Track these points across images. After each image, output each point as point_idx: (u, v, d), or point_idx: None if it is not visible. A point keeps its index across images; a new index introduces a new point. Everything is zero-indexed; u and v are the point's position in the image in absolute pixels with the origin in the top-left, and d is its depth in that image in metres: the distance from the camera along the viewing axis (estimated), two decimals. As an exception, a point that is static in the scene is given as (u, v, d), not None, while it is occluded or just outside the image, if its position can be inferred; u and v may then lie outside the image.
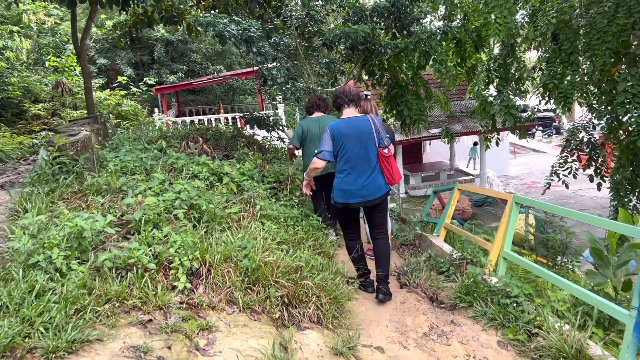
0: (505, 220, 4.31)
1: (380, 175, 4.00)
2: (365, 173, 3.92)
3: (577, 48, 8.49)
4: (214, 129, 7.65)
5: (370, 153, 3.93)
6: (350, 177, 3.92)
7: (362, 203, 3.99)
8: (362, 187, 3.92)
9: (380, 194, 3.99)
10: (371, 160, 3.95)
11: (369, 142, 3.91)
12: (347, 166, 3.93)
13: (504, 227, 4.31)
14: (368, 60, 7.59)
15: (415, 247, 6.16)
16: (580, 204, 18.68)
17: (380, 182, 3.99)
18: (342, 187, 3.96)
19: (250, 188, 4.91)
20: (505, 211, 4.34)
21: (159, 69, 22.97)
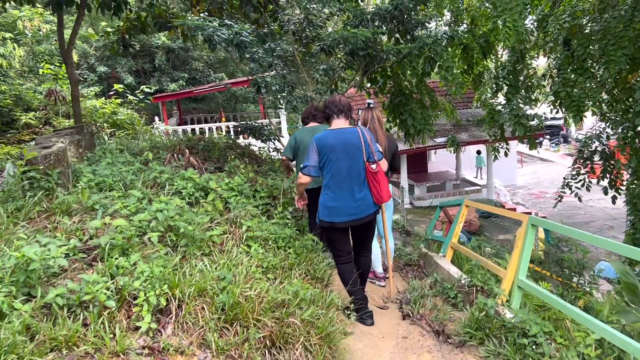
0: (519, 243, 3.85)
1: (369, 193, 3.74)
2: (352, 189, 3.66)
3: (590, 54, 8.04)
4: (206, 139, 7.23)
5: (358, 168, 3.66)
6: (336, 194, 3.65)
7: (349, 222, 3.70)
8: (350, 204, 3.65)
9: (369, 213, 3.74)
10: (359, 176, 3.68)
11: (357, 156, 3.65)
12: (333, 182, 3.66)
13: (518, 252, 3.85)
14: (370, 67, 7.17)
15: (420, 268, 5.69)
16: (590, 215, 18.18)
17: (368, 200, 3.73)
18: (328, 205, 3.69)
19: (236, 206, 4.46)
20: (520, 234, 3.88)
21: (160, 77, 22.68)
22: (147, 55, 23.52)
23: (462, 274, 4.63)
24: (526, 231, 3.81)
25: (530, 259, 3.95)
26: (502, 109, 8.93)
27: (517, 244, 3.87)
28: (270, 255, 3.89)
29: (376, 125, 4.62)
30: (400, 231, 13.42)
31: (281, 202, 5.42)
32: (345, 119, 3.83)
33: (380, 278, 5.25)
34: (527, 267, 3.80)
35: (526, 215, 3.90)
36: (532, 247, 3.82)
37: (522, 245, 3.81)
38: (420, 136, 7.79)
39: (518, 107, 8.23)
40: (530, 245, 3.79)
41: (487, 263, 4.28)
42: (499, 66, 9.27)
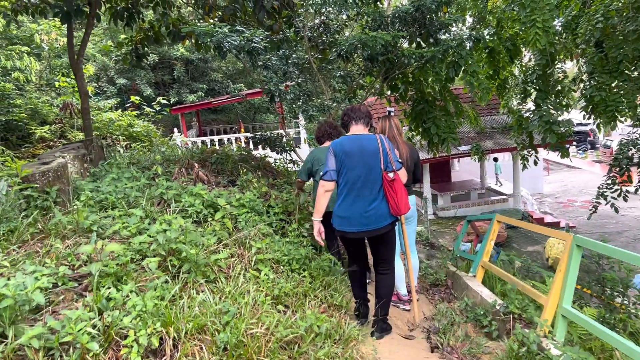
0: (563, 267, 3.40)
1: (384, 203, 3.53)
2: (366, 198, 3.48)
3: (626, 56, 7.52)
4: (219, 152, 6.92)
5: (374, 176, 3.49)
6: (348, 202, 3.50)
7: (361, 233, 3.53)
8: (362, 214, 3.48)
9: (384, 224, 3.53)
10: (374, 185, 3.50)
11: (373, 164, 3.48)
12: (346, 189, 3.51)
13: (561, 277, 3.40)
14: (390, 73, 6.79)
15: (448, 289, 5.25)
16: (623, 224, 17.40)
17: (384, 211, 3.52)
18: (339, 214, 3.55)
19: (246, 225, 4.10)
20: (563, 257, 3.43)
21: (179, 88, 22.60)
22: (167, 67, 23.51)
23: (496, 298, 4.19)
24: (570, 253, 3.37)
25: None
26: (530, 115, 8.44)
27: (560, 267, 3.42)
28: (282, 280, 3.51)
29: (395, 133, 4.37)
30: (423, 243, 12.94)
31: (297, 218, 5.07)
32: (364, 126, 3.67)
33: (405, 301, 4.84)
34: (572, 293, 3.35)
35: (569, 235, 3.46)
36: (578, 271, 3.38)
37: (567, 269, 3.37)
38: (445, 145, 7.36)
39: (549, 113, 7.74)
40: (576, 269, 3.35)
41: (525, 287, 3.83)
42: (527, 70, 8.79)
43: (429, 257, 11.34)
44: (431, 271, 5.62)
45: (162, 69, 24.01)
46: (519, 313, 3.68)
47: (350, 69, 6.71)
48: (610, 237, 17.22)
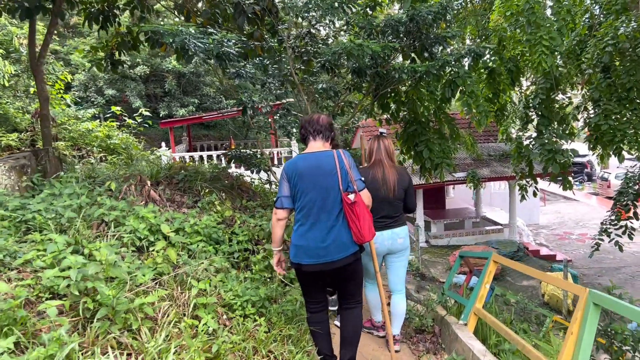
0: (575, 329, 2.73)
1: (345, 230, 3.05)
2: (324, 224, 3.02)
3: (637, 82, 6.96)
4: (189, 169, 6.26)
5: (331, 199, 3.03)
6: (304, 229, 3.04)
7: (319, 265, 3.01)
8: (319, 244, 3.00)
9: (344, 255, 3.03)
10: (332, 209, 3.03)
11: (330, 185, 3.03)
12: (302, 215, 3.06)
13: (573, 341, 2.72)
14: (380, 90, 6.18)
15: (435, 337, 4.55)
16: (620, 260, 16.79)
17: (345, 239, 3.04)
18: (295, 243, 3.09)
19: (188, 261, 3.40)
20: (576, 316, 2.76)
21: (170, 101, 22.03)
22: (158, 79, 22.99)
23: (490, 357, 3.49)
24: (586, 312, 2.70)
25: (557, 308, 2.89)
26: (532, 142, 7.84)
27: (572, 328, 2.75)
28: (224, 333, 2.81)
29: (382, 156, 3.92)
30: (414, 274, 12.25)
31: (265, 248, 4.39)
32: (324, 140, 3.20)
33: (379, 327, 4.32)
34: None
35: (583, 289, 2.79)
36: (594, 336, 2.70)
37: (580, 332, 2.69)
38: (438, 171, 6.72)
39: (552, 141, 7.14)
40: (592, 333, 2.67)
41: (526, 348, 3.14)
42: (529, 95, 8.21)
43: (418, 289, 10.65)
44: (414, 313, 4.91)
45: (154, 81, 23.49)
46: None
47: (336, 83, 6.10)
48: (608, 273, 16.59)
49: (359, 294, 3.30)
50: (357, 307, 3.28)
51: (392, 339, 3.77)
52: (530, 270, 3.66)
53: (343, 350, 3.20)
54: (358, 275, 3.25)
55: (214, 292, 3.22)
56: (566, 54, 8.58)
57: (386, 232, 3.90)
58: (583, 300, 2.74)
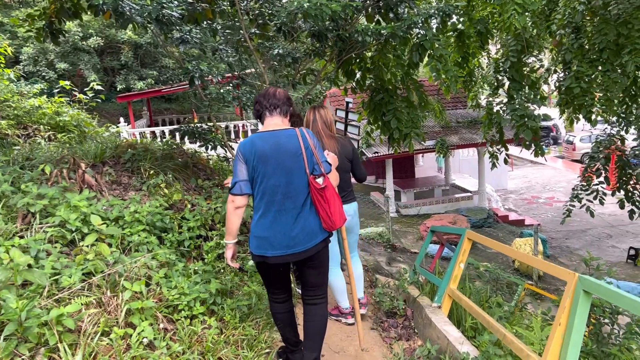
0: (563, 320, 2.42)
1: (314, 216, 2.78)
2: (290, 213, 2.73)
3: (610, 43, 6.68)
4: (138, 147, 5.73)
5: (297, 184, 2.73)
6: (267, 220, 2.73)
7: (285, 257, 2.73)
8: (286, 233, 2.71)
9: (313, 244, 2.77)
10: (299, 194, 2.74)
11: (295, 168, 2.72)
12: (264, 202, 2.73)
13: (561, 332, 2.41)
14: (344, 55, 5.72)
15: (408, 321, 4.25)
16: (586, 222, 16.94)
17: (314, 227, 2.78)
18: (257, 233, 2.75)
19: (118, 258, 2.94)
20: (564, 304, 2.44)
21: (127, 74, 21.01)
22: (114, 51, 21.87)
23: (469, 348, 3.19)
24: (575, 301, 2.39)
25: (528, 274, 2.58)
26: (503, 108, 7.53)
27: (558, 319, 2.44)
28: (162, 343, 2.40)
29: (319, 127, 3.67)
30: (385, 245, 12.04)
31: (220, 234, 3.97)
32: (283, 116, 2.84)
33: (347, 314, 4.04)
34: (576, 358, 2.37)
35: (572, 274, 2.48)
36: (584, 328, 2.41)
37: (569, 323, 2.39)
38: (407, 142, 6.36)
39: (523, 106, 6.83)
40: (583, 325, 2.37)
41: (511, 341, 2.82)
42: (500, 58, 7.86)
43: (390, 261, 10.43)
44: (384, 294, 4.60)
45: (109, 53, 22.36)
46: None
47: (295, 48, 5.62)
48: (575, 236, 16.82)
49: (325, 286, 3.03)
50: (322, 303, 3.00)
51: (357, 303, 3.60)
52: (506, 249, 3.36)
53: (307, 351, 2.92)
54: (325, 263, 2.98)
55: (155, 292, 2.80)
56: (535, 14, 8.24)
57: None
58: (572, 287, 2.43)
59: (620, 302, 2.19)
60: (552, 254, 14.78)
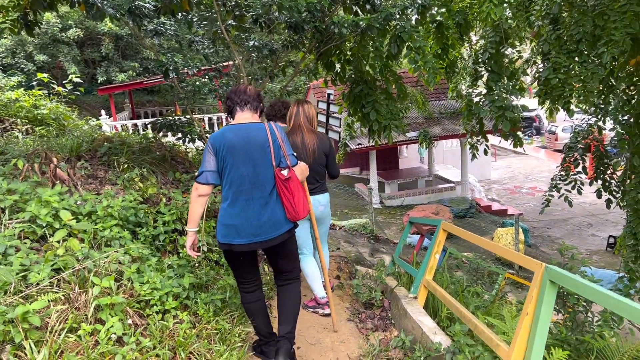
0: (531, 310, 2.46)
1: (280, 206, 2.92)
2: (257, 202, 2.85)
3: (586, 34, 6.73)
4: (114, 140, 5.67)
5: (264, 174, 2.87)
6: (235, 208, 2.83)
7: (252, 245, 2.86)
8: (254, 222, 2.83)
9: (279, 233, 2.91)
10: (265, 185, 2.87)
11: (262, 159, 2.86)
12: (232, 192, 2.85)
13: (528, 322, 2.45)
14: (323, 47, 5.70)
15: (385, 312, 4.28)
16: (568, 211, 17.16)
17: (280, 217, 2.92)
18: (224, 222, 2.86)
19: (87, 253, 2.92)
20: (531, 294, 2.48)
21: (108, 66, 20.72)
22: (95, 43, 21.55)
23: (441, 338, 3.23)
24: (542, 291, 2.42)
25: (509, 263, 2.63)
26: (482, 99, 7.57)
27: (527, 309, 2.47)
28: (131, 339, 2.39)
29: (301, 121, 3.86)
30: (368, 236, 12.08)
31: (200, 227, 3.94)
32: (253, 111, 2.99)
33: (324, 304, 4.11)
34: (543, 347, 2.42)
35: (539, 264, 2.51)
36: (552, 316, 2.45)
37: (536, 312, 2.42)
38: (387, 133, 6.37)
39: (502, 97, 6.88)
40: (549, 314, 2.41)
41: (479, 328, 2.87)
42: (479, 49, 7.90)
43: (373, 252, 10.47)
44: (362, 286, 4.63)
45: (90, 45, 22.03)
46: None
47: (273, 40, 5.58)
48: (557, 225, 17.04)
49: (297, 270, 3.21)
50: (295, 282, 3.17)
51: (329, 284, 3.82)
52: (478, 240, 3.39)
53: (281, 326, 3.04)
54: (293, 250, 3.17)
55: (126, 288, 2.78)
56: (515, 5, 8.28)
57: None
58: (538, 277, 2.46)
59: (584, 291, 2.23)
60: (534, 243, 14.96)
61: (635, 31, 6.14)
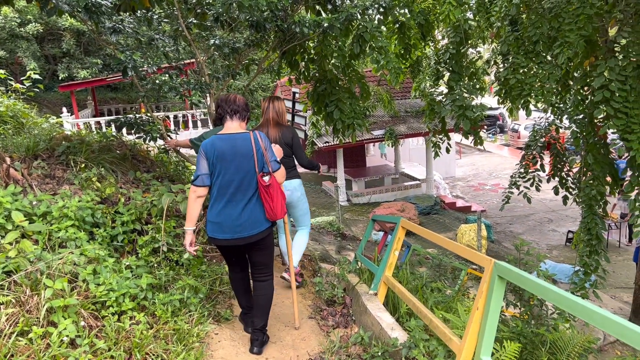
0: (481, 304, 2.54)
1: (259, 208, 3.31)
2: (239, 203, 3.25)
3: (542, 35, 6.94)
4: (73, 139, 5.55)
5: (248, 180, 3.25)
6: (219, 206, 3.24)
7: (233, 240, 3.27)
8: (234, 220, 3.23)
9: (258, 231, 3.31)
10: (248, 189, 3.27)
11: (247, 167, 3.23)
12: (219, 194, 3.25)
13: (479, 316, 2.54)
14: (286, 46, 5.71)
15: (347, 309, 4.34)
16: (529, 207, 17.64)
17: (258, 216, 3.31)
18: (211, 219, 3.29)
19: (41, 256, 2.87)
20: (482, 289, 2.56)
21: (70, 62, 20.20)
22: (55, 38, 20.97)
23: (398, 333, 3.29)
24: (491, 286, 2.51)
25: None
26: (443, 99, 7.72)
27: (477, 303, 2.56)
28: (84, 341, 2.37)
29: (270, 116, 4.29)
30: (335, 234, 12.15)
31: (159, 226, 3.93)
32: (241, 121, 3.36)
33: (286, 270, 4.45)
34: (492, 340, 2.50)
35: (489, 260, 2.60)
36: (501, 309, 2.53)
37: (486, 307, 2.51)
38: (350, 132, 6.43)
39: (462, 97, 7.03)
40: (498, 307, 2.50)
41: (433, 323, 2.95)
42: (440, 49, 8.04)
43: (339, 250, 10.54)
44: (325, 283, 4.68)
45: (50, 41, 21.44)
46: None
47: (235, 38, 5.55)
48: (519, 221, 17.46)
49: (271, 266, 3.55)
50: (268, 279, 3.51)
51: (292, 269, 4.03)
52: (434, 237, 3.47)
53: (256, 318, 3.46)
54: (269, 248, 3.51)
55: (81, 289, 2.75)
56: (476, 6, 8.46)
57: None
58: (488, 273, 2.55)
59: (528, 286, 2.32)
60: (497, 238, 15.31)
61: (588, 33, 6.34)
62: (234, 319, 3.69)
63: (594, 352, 6.13)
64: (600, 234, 7.05)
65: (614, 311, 9.89)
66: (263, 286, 3.50)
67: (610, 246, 13.74)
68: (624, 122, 5.94)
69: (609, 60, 6.15)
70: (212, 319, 3.46)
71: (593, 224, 7.20)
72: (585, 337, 3.79)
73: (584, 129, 7.25)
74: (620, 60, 5.94)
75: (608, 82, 6.06)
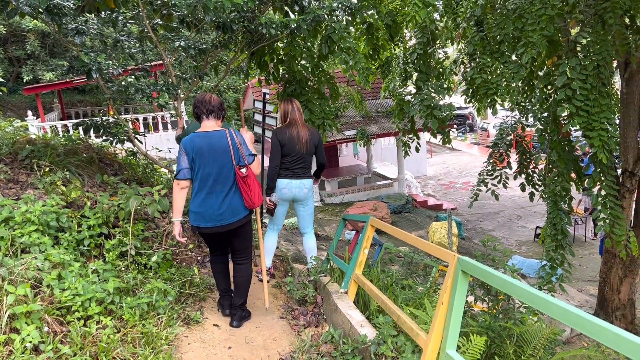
0: (446, 299, 2.59)
1: (238, 197, 3.65)
2: (219, 194, 3.58)
3: (507, 35, 7.10)
4: (38, 142, 5.44)
5: (226, 173, 3.58)
6: (201, 198, 3.57)
7: (215, 228, 3.62)
8: (215, 210, 3.57)
9: (237, 219, 3.66)
10: (227, 181, 3.60)
11: (224, 161, 3.56)
12: (200, 186, 3.58)
13: (444, 311, 2.59)
14: (253, 47, 5.70)
15: (318, 308, 4.36)
16: (500, 205, 18.01)
17: (237, 205, 3.65)
18: (194, 209, 3.63)
19: (3, 261, 2.82)
20: (446, 284, 2.62)
21: (35, 65, 19.72)
22: (19, 40, 20.45)
23: (367, 330, 3.33)
24: (455, 281, 2.56)
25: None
26: (412, 99, 7.82)
27: (442, 298, 2.61)
28: (48, 347, 2.34)
29: (296, 116, 4.49)
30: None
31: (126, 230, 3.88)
32: (216, 119, 3.68)
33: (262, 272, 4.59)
34: (457, 334, 2.56)
35: (453, 255, 2.66)
36: (464, 302, 2.59)
37: (450, 301, 2.56)
38: (320, 132, 6.45)
39: (430, 97, 7.13)
40: (462, 301, 2.55)
41: (401, 319, 3.00)
42: (408, 50, 8.15)
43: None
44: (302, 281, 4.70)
45: (14, 42, 20.89)
46: (395, 356, 2.85)
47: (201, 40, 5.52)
48: (488, 218, 17.78)
49: (249, 250, 3.95)
50: (246, 263, 3.91)
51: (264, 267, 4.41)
52: (401, 234, 3.52)
53: (236, 297, 3.89)
54: (248, 234, 3.89)
55: (45, 294, 2.70)
56: (443, 7, 8.59)
57: (295, 181, 4.56)
58: (452, 268, 2.60)
59: (491, 280, 2.38)
60: (467, 235, 15.56)
61: (550, 33, 6.51)
62: (205, 321, 3.68)
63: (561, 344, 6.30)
64: (565, 228, 7.23)
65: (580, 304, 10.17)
66: (242, 269, 3.87)
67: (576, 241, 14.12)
68: (586, 120, 6.11)
69: (570, 59, 6.31)
70: (182, 322, 3.44)
71: (558, 219, 7.38)
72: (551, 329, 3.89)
73: (548, 126, 7.43)
74: (582, 60, 6.11)
75: (570, 81, 6.23)
